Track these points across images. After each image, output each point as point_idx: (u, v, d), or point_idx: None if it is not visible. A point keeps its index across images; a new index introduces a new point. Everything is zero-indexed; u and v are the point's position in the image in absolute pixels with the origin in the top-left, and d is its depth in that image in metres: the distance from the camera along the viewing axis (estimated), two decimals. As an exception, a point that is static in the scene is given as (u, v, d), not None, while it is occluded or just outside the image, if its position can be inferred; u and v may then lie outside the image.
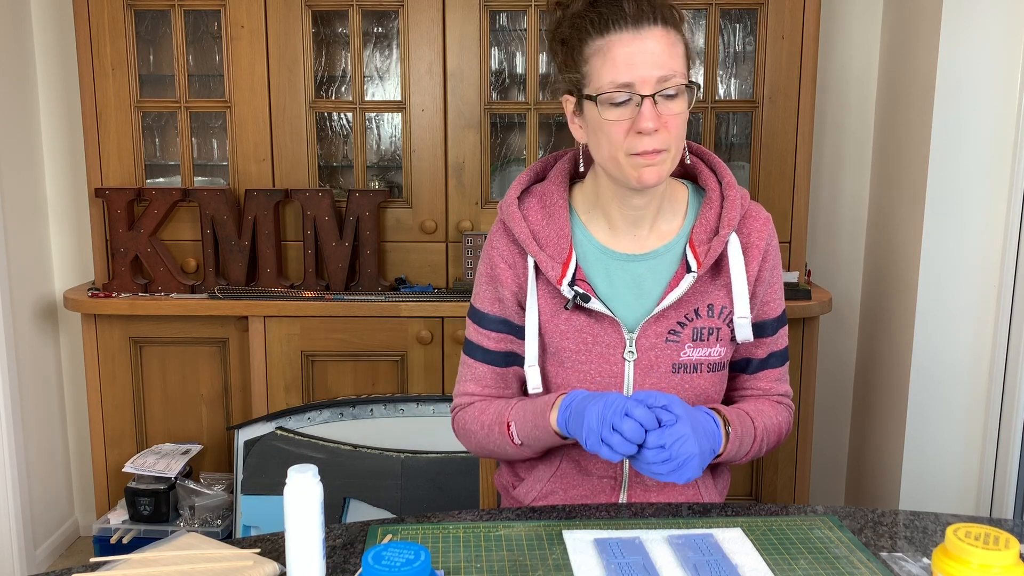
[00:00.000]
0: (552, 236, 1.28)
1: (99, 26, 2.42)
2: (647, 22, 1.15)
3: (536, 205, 1.31)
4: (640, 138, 1.16)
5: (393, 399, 2.32)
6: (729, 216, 1.27)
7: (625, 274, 1.29)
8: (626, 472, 1.33)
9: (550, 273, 1.26)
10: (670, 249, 1.30)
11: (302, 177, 2.50)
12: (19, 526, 2.56)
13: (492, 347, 1.34)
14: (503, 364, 1.35)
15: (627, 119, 1.16)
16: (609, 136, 1.18)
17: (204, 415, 2.55)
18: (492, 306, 1.34)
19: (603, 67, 1.17)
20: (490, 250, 1.33)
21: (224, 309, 2.41)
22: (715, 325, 1.28)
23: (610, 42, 1.16)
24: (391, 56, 2.59)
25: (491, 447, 1.31)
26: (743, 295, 1.27)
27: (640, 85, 1.15)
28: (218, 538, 1.40)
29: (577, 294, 1.25)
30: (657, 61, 1.15)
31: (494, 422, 1.29)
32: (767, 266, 1.31)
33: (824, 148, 2.74)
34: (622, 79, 1.15)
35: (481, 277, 1.35)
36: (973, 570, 0.90)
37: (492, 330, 1.33)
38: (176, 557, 1.07)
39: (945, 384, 2.33)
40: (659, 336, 1.27)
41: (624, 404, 1.11)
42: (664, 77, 1.15)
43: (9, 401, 2.50)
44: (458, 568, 1.08)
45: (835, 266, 2.80)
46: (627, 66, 1.15)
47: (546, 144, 2.65)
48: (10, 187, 2.58)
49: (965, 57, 2.19)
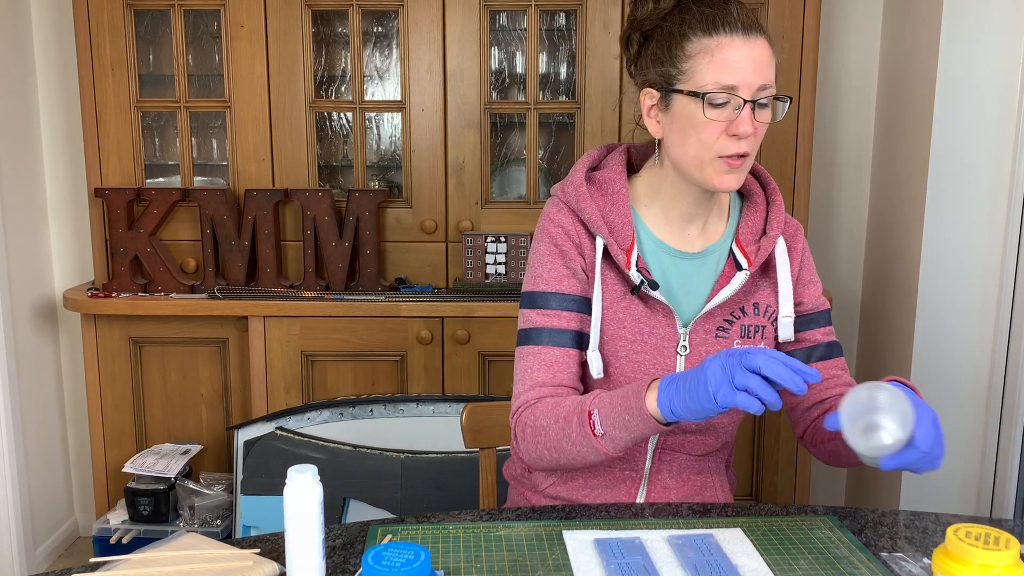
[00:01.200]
0: (618, 222, 1.28)
1: (99, 26, 2.42)
2: (756, 31, 1.19)
3: (598, 192, 1.31)
4: (733, 141, 1.19)
5: (393, 399, 2.32)
6: (777, 219, 1.31)
7: (676, 270, 1.31)
8: (648, 469, 1.33)
9: (619, 257, 1.26)
10: (717, 249, 1.32)
11: (302, 177, 2.50)
12: (19, 526, 2.56)
13: (564, 326, 1.26)
14: (578, 346, 1.26)
15: (724, 120, 1.18)
16: (701, 135, 1.20)
17: (204, 415, 2.55)
18: (562, 283, 1.27)
19: (709, 66, 1.18)
20: (552, 229, 1.29)
21: (224, 309, 2.41)
22: (761, 323, 1.31)
23: (720, 43, 1.17)
24: (391, 56, 2.59)
25: (565, 445, 1.19)
26: (788, 295, 1.31)
27: (743, 90, 1.17)
28: (218, 538, 1.40)
29: (644, 280, 1.25)
30: (761, 69, 1.18)
31: (572, 412, 1.18)
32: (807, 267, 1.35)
33: (824, 148, 2.74)
34: (727, 81, 1.17)
35: (543, 258, 1.29)
36: (973, 570, 0.90)
37: (563, 309, 1.27)
38: (176, 557, 1.07)
39: (945, 384, 2.33)
40: (709, 332, 1.29)
41: (745, 353, 1.04)
42: (763, 86, 1.18)
43: (9, 401, 2.50)
44: (458, 568, 1.08)
45: (835, 266, 2.80)
46: (735, 69, 1.17)
47: (546, 144, 2.65)
48: (10, 187, 2.58)
49: (965, 57, 2.19)
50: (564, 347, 1.26)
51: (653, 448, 1.32)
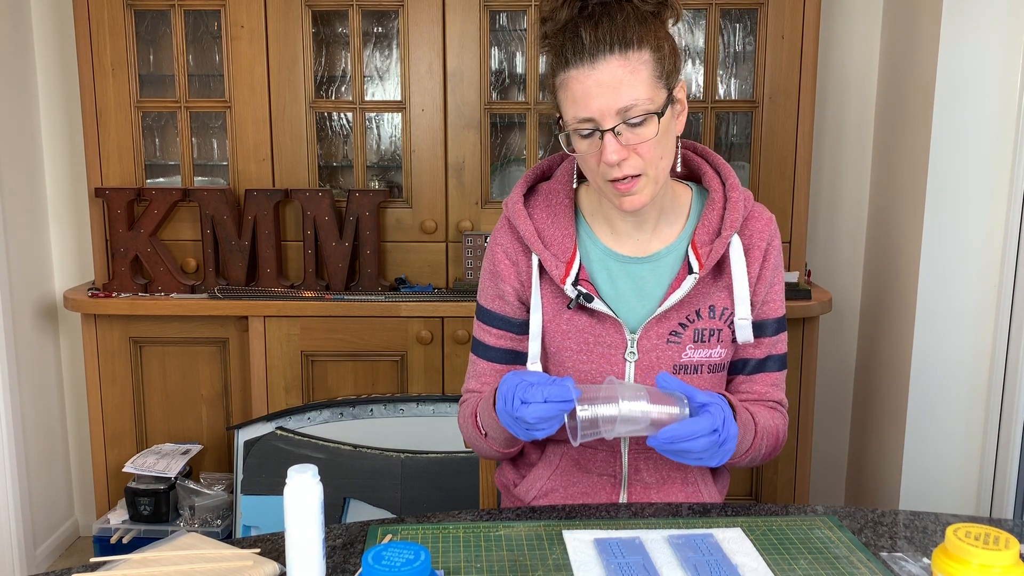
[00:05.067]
0: (557, 236, 1.29)
1: (99, 26, 2.42)
2: (603, 52, 1.13)
3: (541, 204, 1.31)
4: (610, 167, 1.16)
5: (393, 399, 2.32)
6: (731, 218, 1.26)
7: (627, 276, 1.30)
8: (625, 470, 1.33)
9: (554, 272, 1.26)
10: (672, 251, 1.30)
11: (302, 177, 2.50)
12: (19, 526, 2.56)
13: (492, 343, 1.35)
14: (503, 361, 1.35)
15: (595, 151, 1.17)
16: (585, 163, 1.21)
17: (204, 415, 2.55)
18: (493, 303, 1.34)
19: (566, 102, 1.17)
20: (494, 246, 1.34)
21: (224, 309, 2.41)
22: (716, 326, 1.28)
23: (569, 77, 1.16)
24: (391, 56, 2.59)
25: (473, 441, 1.33)
26: (744, 297, 1.27)
27: (600, 119, 1.14)
28: (218, 538, 1.40)
29: (580, 293, 1.25)
30: (615, 93, 1.13)
31: (471, 414, 1.31)
32: (768, 265, 1.30)
33: (824, 148, 2.74)
34: (582, 114, 1.15)
35: (484, 273, 1.36)
36: (973, 570, 0.90)
37: (493, 327, 1.35)
38: (176, 557, 1.07)
39: (945, 384, 2.33)
40: (660, 337, 1.27)
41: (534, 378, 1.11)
42: (625, 107, 1.13)
43: (9, 401, 2.50)
44: (458, 568, 1.08)
45: (835, 266, 2.80)
46: (585, 101, 1.14)
47: (546, 144, 2.65)
48: (10, 187, 2.58)
49: (965, 57, 2.19)
50: (493, 362, 1.36)
51: (627, 449, 1.33)
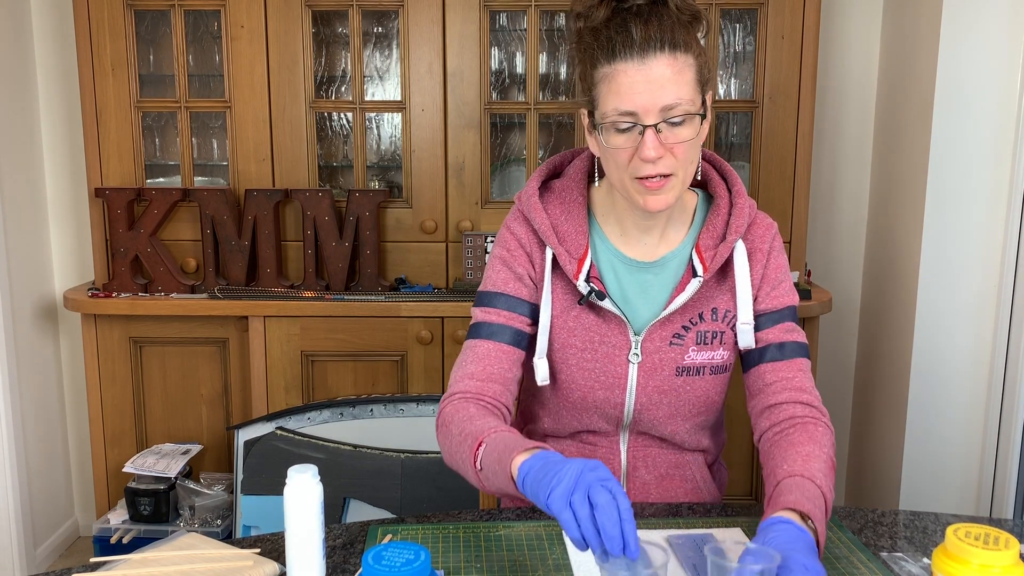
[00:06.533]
0: (570, 232, 1.29)
1: (99, 26, 2.42)
2: (654, 49, 1.14)
3: (555, 199, 1.31)
4: (644, 164, 1.16)
5: (393, 399, 2.32)
6: (737, 223, 1.28)
7: (633, 279, 1.30)
8: (624, 468, 1.33)
9: (567, 267, 1.26)
10: (676, 255, 1.31)
11: (302, 177, 2.50)
12: (19, 526, 2.56)
13: (503, 322, 1.28)
14: (508, 341, 1.27)
15: (631, 147, 1.16)
16: (615, 159, 1.19)
17: (204, 415, 2.55)
18: (508, 285, 1.30)
19: (608, 94, 1.16)
20: (507, 236, 1.32)
21: (224, 309, 2.41)
22: (719, 329, 1.29)
23: (616, 70, 1.15)
24: (391, 56, 2.59)
25: (456, 457, 1.18)
26: (747, 301, 1.28)
27: (643, 115, 1.14)
28: (218, 538, 1.40)
29: (592, 290, 1.25)
30: (662, 90, 1.13)
31: (472, 433, 1.15)
32: (771, 265, 1.31)
33: (824, 148, 2.74)
34: (625, 107, 1.14)
35: (495, 262, 1.33)
36: (973, 570, 0.90)
37: (507, 309, 1.29)
38: (176, 557, 1.07)
39: (945, 384, 2.33)
40: (664, 339, 1.28)
41: (606, 476, 0.97)
42: (669, 106, 1.14)
43: (9, 401, 2.50)
44: (458, 568, 1.08)
45: (835, 266, 2.80)
46: (630, 95, 1.14)
47: (546, 144, 2.65)
48: (10, 187, 2.58)
49: (965, 57, 2.19)
50: (499, 342, 1.27)
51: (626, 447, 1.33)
